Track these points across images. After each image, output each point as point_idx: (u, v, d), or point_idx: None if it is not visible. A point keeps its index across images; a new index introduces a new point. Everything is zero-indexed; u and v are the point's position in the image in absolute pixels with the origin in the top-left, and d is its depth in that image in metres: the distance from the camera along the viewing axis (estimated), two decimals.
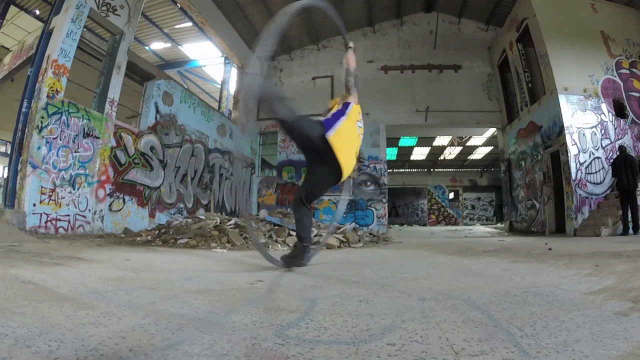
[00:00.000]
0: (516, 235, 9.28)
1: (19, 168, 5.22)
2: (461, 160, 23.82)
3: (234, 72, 11.94)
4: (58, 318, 1.15)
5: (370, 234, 7.20)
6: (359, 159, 2.70)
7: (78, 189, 5.80)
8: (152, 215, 7.47)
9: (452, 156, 22.99)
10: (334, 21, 3.12)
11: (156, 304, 1.42)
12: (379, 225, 11.26)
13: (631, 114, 8.44)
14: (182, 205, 8.53)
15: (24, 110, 5.40)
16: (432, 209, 25.08)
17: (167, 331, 1.07)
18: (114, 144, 6.53)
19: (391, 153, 20.37)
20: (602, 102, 8.36)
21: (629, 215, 6.62)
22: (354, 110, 2.74)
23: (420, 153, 22.13)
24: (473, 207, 25.18)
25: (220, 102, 11.64)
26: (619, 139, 8.16)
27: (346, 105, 2.75)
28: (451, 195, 25.38)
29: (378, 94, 11.99)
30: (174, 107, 8.30)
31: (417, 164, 24.31)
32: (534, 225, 9.67)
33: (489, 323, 1.17)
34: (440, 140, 19.71)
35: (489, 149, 20.64)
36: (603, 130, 8.25)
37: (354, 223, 10.92)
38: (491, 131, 14.10)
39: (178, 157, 8.44)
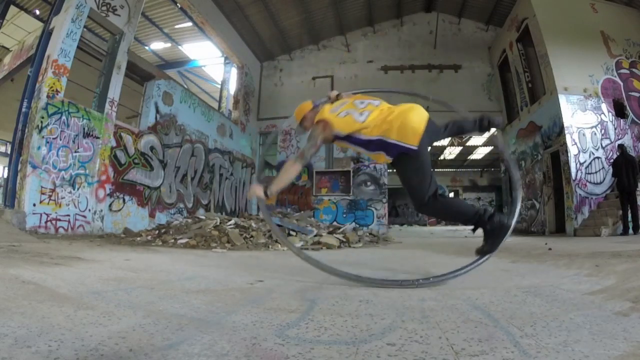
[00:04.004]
0: (516, 235, 9.28)
1: (19, 168, 5.22)
2: (461, 160, 23.83)
3: (234, 72, 11.94)
4: (58, 318, 1.15)
5: (370, 234, 7.21)
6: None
7: (78, 189, 5.80)
8: (152, 215, 7.47)
9: (452, 156, 23.00)
10: None
11: (156, 304, 1.42)
12: (379, 225, 11.25)
13: (631, 114, 8.43)
14: (182, 205, 8.53)
15: (24, 110, 5.40)
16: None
17: (167, 331, 1.07)
18: (114, 144, 6.53)
19: None
20: (602, 102, 8.35)
21: (629, 215, 6.62)
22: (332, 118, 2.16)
23: None
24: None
25: (220, 102, 11.64)
26: (619, 139, 8.15)
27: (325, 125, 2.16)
28: (451, 195, 25.39)
29: (378, 94, 11.95)
30: (174, 107, 8.30)
31: None
32: (534, 225, 9.67)
33: (489, 323, 1.17)
34: (440, 140, 19.70)
35: (489, 149, 20.65)
36: (603, 130, 8.24)
37: (354, 223, 10.92)
38: (491, 131, 14.09)
39: (178, 157, 8.43)
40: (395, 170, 2.16)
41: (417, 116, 2.03)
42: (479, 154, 22.31)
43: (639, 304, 1.36)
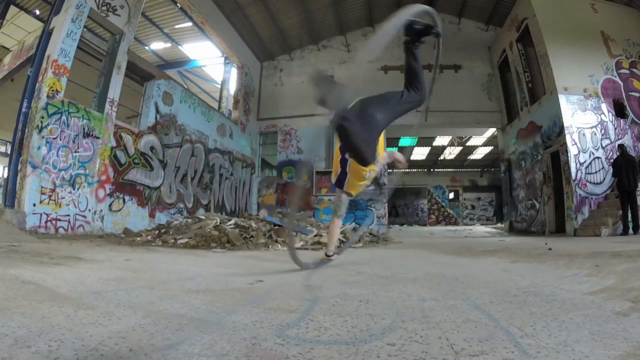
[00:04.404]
0: (516, 235, 9.28)
1: (19, 168, 5.22)
2: (461, 160, 23.82)
3: (234, 72, 11.94)
4: (58, 318, 1.15)
5: (370, 234, 7.21)
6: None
7: (78, 189, 5.80)
8: (152, 215, 7.47)
9: (452, 156, 22.99)
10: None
11: (156, 304, 1.42)
12: (379, 225, 11.26)
13: (631, 114, 8.43)
14: (182, 205, 8.53)
15: (24, 110, 5.40)
16: (432, 209, 25.09)
17: (167, 331, 1.07)
18: (114, 144, 6.53)
19: None
20: (602, 102, 8.35)
21: (629, 215, 6.61)
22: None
23: (420, 153, 22.13)
24: (473, 207, 25.17)
25: (220, 102, 11.64)
26: (619, 139, 8.15)
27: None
28: (451, 195, 25.38)
29: None
30: (174, 107, 8.30)
31: (417, 164, 24.31)
32: (534, 225, 9.66)
33: (489, 323, 1.17)
34: (440, 140, 19.72)
35: (489, 149, 20.64)
36: (603, 130, 8.24)
37: (354, 223, 10.92)
38: (491, 131, 14.08)
39: (178, 157, 8.43)
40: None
41: None
42: (479, 154, 22.30)
43: (639, 304, 1.36)
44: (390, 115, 2.56)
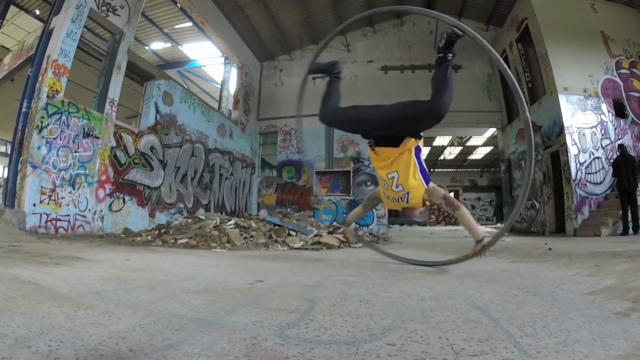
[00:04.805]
0: (516, 235, 9.28)
1: (19, 168, 5.22)
2: (461, 160, 23.83)
3: (234, 72, 11.94)
4: (58, 318, 1.15)
5: (370, 234, 7.21)
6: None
7: (78, 189, 5.80)
8: (152, 215, 7.47)
9: (452, 156, 23.00)
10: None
11: (156, 304, 1.42)
12: (379, 225, 11.26)
13: (631, 114, 8.43)
14: (182, 205, 8.53)
15: (24, 110, 5.40)
16: (432, 209, 25.10)
17: (167, 331, 1.07)
18: (114, 144, 6.53)
19: None
20: (602, 102, 8.35)
21: (629, 215, 6.62)
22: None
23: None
24: (473, 207, 25.17)
25: (220, 102, 11.64)
26: (619, 139, 8.15)
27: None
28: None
29: (378, 94, 11.95)
30: (174, 107, 8.30)
31: None
32: (534, 225, 9.67)
33: (489, 323, 1.17)
34: (440, 140, 19.73)
35: (489, 149, 20.65)
36: (603, 130, 8.24)
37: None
38: (491, 131, 14.09)
39: (178, 157, 8.43)
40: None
41: None
42: (479, 154, 22.31)
43: (639, 304, 1.36)
44: (391, 114, 2.54)
